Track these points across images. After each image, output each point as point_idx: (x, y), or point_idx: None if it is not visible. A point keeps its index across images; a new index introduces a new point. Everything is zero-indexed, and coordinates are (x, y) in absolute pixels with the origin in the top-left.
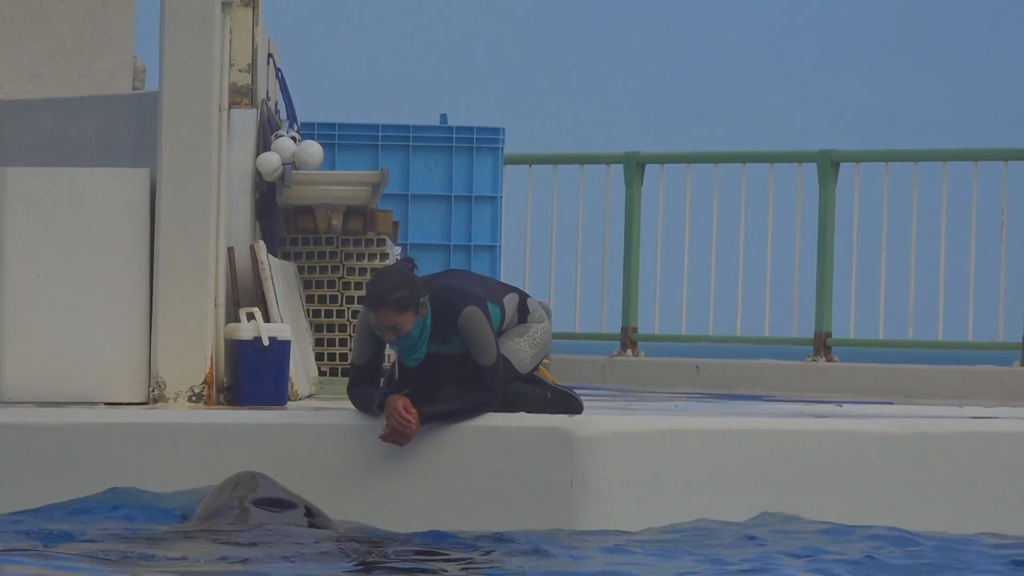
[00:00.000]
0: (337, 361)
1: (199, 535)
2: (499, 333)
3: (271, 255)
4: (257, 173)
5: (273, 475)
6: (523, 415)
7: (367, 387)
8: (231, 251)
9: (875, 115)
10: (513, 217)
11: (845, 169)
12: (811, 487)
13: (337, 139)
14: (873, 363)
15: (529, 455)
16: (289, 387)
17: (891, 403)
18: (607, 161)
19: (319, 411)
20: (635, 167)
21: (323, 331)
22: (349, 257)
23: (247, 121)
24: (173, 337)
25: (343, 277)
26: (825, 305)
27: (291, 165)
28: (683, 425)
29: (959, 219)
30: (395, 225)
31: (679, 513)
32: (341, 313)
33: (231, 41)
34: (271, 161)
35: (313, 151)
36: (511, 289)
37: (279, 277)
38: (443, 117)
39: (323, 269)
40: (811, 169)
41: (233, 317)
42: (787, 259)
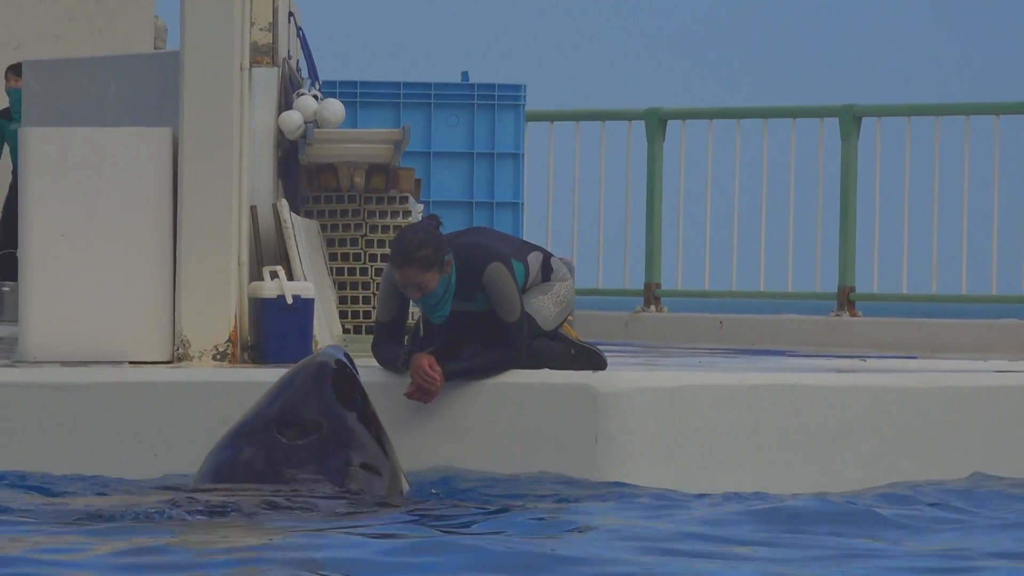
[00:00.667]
0: (361, 319)
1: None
2: (523, 291)
3: (294, 213)
4: (279, 132)
5: None
6: (547, 372)
7: (392, 344)
8: (254, 210)
9: (897, 69)
10: (535, 174)
11: (867, 123)
12: (834, 441)
13: (359, 97)
14: (897, 317)
15: (553, 411)
16: (313, 345)
17: (915, 357)
18: (629, 117)
19: None
20: (657, 123)
21: (346, 289)
22: (372, 215)
23: (268, 80)
24: (197, 296)
25: (366, 235)
26: (848, 260)
27: (313, 123)
28: (706, 381)
29: (982, 172)
30: (417, 183)
31: (703, 468)
32: (364, 271)
33: (252, 0)
34: (293, 119)
35: (335, 109)
36: (535, 247)
37: (302, 235)
38: (464, 74)
39: (346, 227)
40: (833, 124)
41: (256, 276)
42: (810, 214)
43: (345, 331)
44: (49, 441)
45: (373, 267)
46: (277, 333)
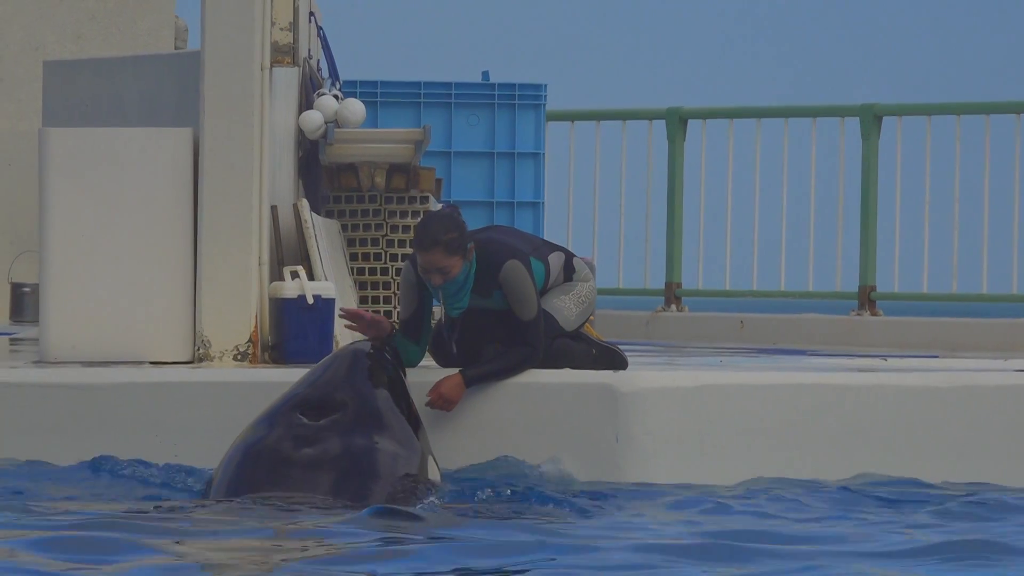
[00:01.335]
0: None
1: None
2: (544, 290)
3: (314, 213)
4: (300, 132)
5: None
6: (568, 371)
7: (409, 343)
8: (274, 210)
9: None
10: (555, 174)
11: (888, 123)
12: (855, 442)
13: (379, 97)
14: (918, 317)
15: (574, 411)
16: (334, 345)
17: (936, 356)
18: (649, 117)
19: None
20: (678, 122)
21: (367, 289)
22: (392, 215)
23: (289, 80)
24: (217, 296)
25: (387, 235)
26: (869, 259)
27: (334, 123)
28: (727, 380)
29: (1002, 172)
30: (438, 182)
31: (723, 468)
32: (385, 271)
33: (272, 0)
34: (314, 119)
35: (355, 109)
36: (557, 247)
37: (323, 235)
38: (485, 74)
39: (367, 227)
40: (854, 123)
41: (277, 276)
42: (830, 213)
43: None
44: (70, 441)
45: (394, 267)
46: (298, 333)
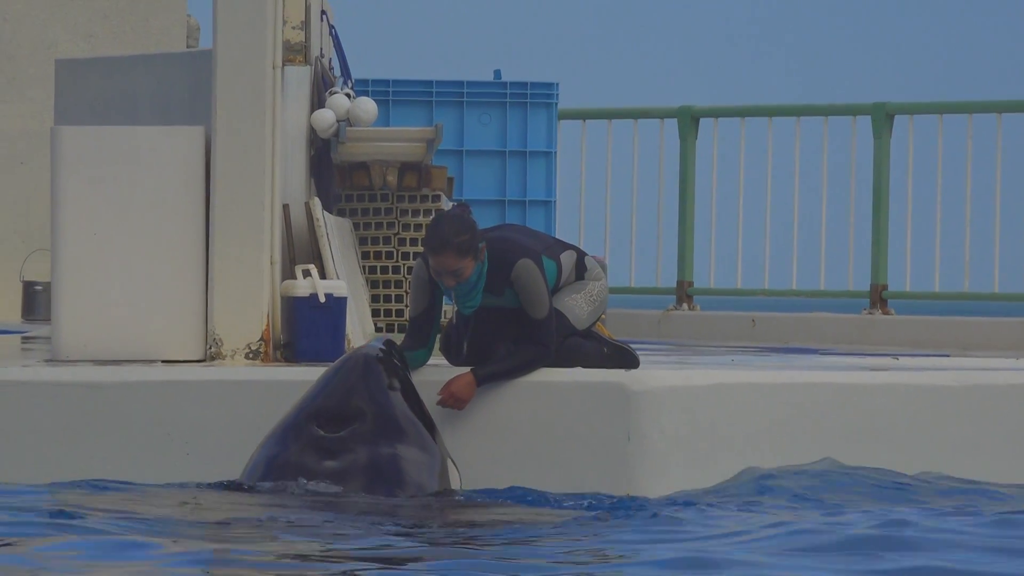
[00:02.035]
0: (393, 317)
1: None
2: (556, 289)
3: (326, 212)
4: (311, 130)
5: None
6: (580, 370)
7: (417, 342)
8: (286, 208)
9: (930, 66)
10: (567, 172)
11: (900, 121)
12: (868, 440)
13: (391, 95)
14: (929, 315)
15: (586, 410)
16: (346, 343)
17: (947, 355)
18: (661, 115)
19: None
20: (689, 121)
21: (379, 287)
22: (404, 213)
23: (301, 78)
24: (229, 295)
25: (398, 233)
26: (881, 258)
27: (345, 122)
28: (739, 379)
29: (1015, 170)
30: (450, 181)
31: (735, 467)
32: (397, 269)
33: None
34: (325, 118)
35: (367, 108)
36: (568, 246)
37: (334, 234)
38: (497, 72)
39: (378, 225)
40: (866, 121)
41: (289, 274)
42: (842, 212)
43: (378, 329)
44: (82, 440)
45: (406, 265)
46: (310, 332)
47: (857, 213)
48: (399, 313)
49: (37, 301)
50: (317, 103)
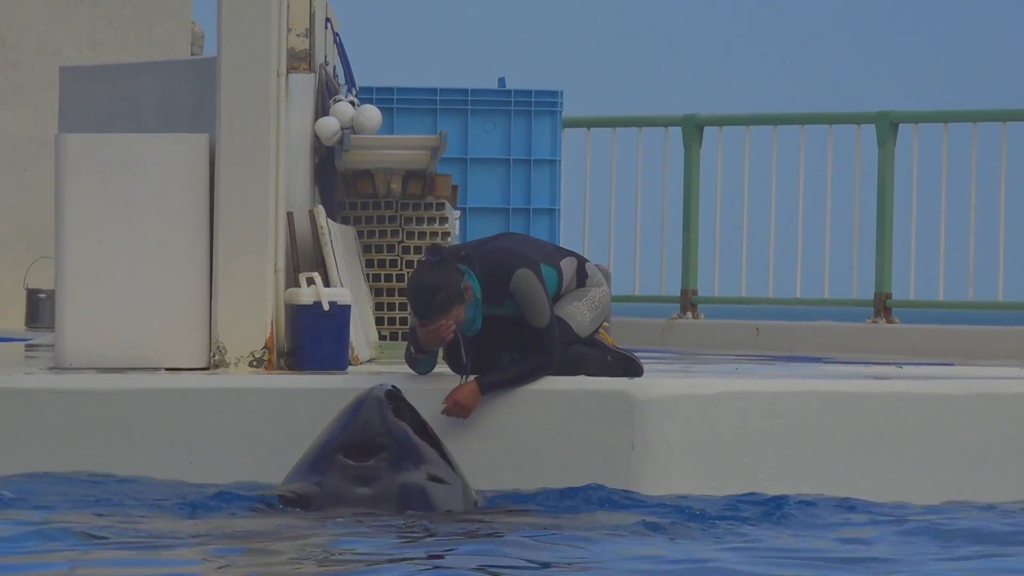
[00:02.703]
0: (397, 325)
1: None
2: (557, 296)
3: (330, 220)
4: (316, 138)
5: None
6: (583, 378)
7: (423, 353)
8: (290, 216)
9: (934, 75)
10: (572, 180)
11: (904, 130)
12: (872, 449)
13: (395, 103)
14: (933, 324)
15: (590, 418)
16: (349, 352)
17: (952, 364)
18: (665, 124)
19: (379, 375)
20: (693, 129)
21: (383, 295)
22: (408, 221)
23: (305, 86)
24: (233, 302)
25: (403, 241)
26: (885, 266)
27: (350, 130)
28: (743, 387)
29: (1019, 179)
30: (454, 189)
31: (739, 476)
32: (401, 277)
33: (288, 6)
34: (330, 126)
35: (371, 115)
36: (568, 253)
37: (339, 242)
38: (501, 80)
39: (382, 233)
40: (870, 130)
41: (293, 282)
42: (846, 220)
43: (381, 338)
44: (85, 447)
45: (409, 273)
46: (313, 340)
47: (861, 222)
48: (403, 321)
49: (41, 309)
50: (321, 111)
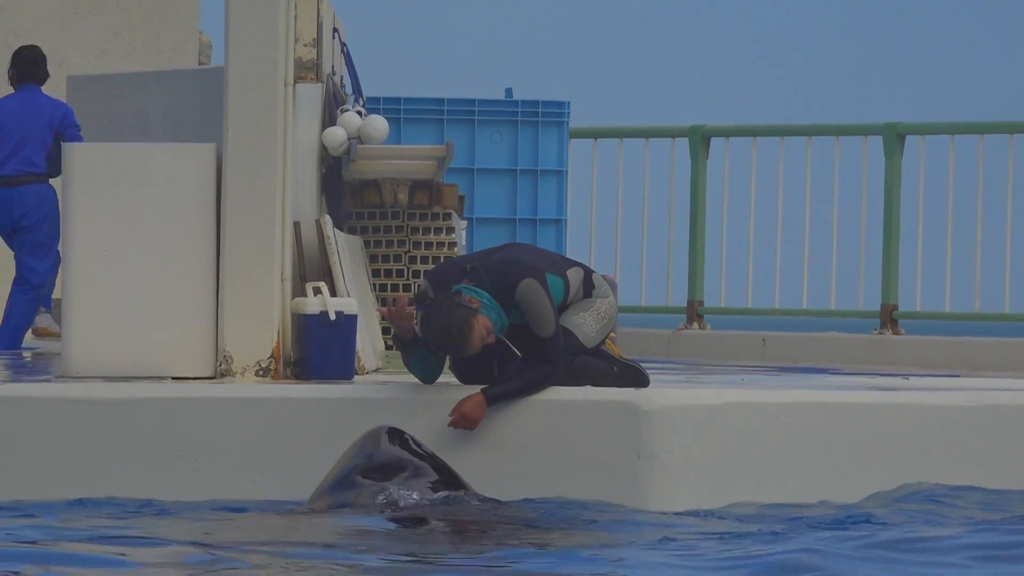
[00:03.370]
0: None
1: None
2: (564, 306)
3: (337, 229)
4: (323, 148)
5: (340, 450)
6: (589, 389)
7: (420, 352)
8: (297, 226)
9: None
10: (578, 191)
11: (911, 141)
12: (877, 460)
13: (402, 113)
14: (940, 335)
15: (596, 429)
16: (356, 361)
17: (958, 375)
18: (672, 135)
19: (386, 385)
20: (700, 140)
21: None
22: (415, 231)
23: (312, 96)
24: (240, 312)
25: (409, 251)
26: (891, 278)
27: (357, 139)
28: (749, 398)
29: None
30: (461, 199)
31: (745, 486)
32: (407, 287)
33: (296, 16)
34: (337, 136)
35: (379, 125)
36: (575, 263)
37: (345, 251)
38: (508, 91)
39: (389, 243)
40: (877, 142)
41: (300, 292)
42: (853, 232)
43: (388, 347)
44: (92, 457)
45: (416, 283)
46: (320, 349)
47: (868, 233)
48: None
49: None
50: (328, 121)
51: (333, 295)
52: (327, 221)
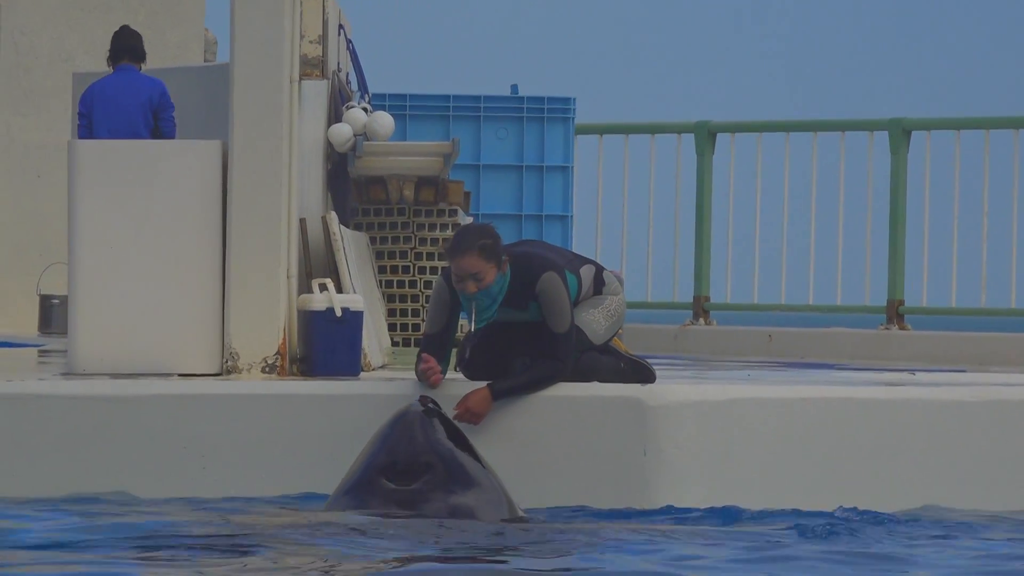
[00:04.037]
0: (410, 331)
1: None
2: (575, 303)
3: (343, 226)
4: (328, 144)
5: (347, 446)
6: (596, 385)
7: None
8: (303, 222)
9: (947, 82)
10: (584, 187)
11: (917, 137)
12: (884, 456)
13: (408, 110)
14: (946, 331)
15: (602, 425)
16: (362, 357)
17: (964, 371)
18: (678, 130)
19: (392, 381)
20: (706, 136)
21: (395, 301)
22: (421, 227)
23: (318, 92)
24: (246, 308)
25: (415, 247)
26: (897, 273)
27: (362, 136)
28: (756, 394)
29: None
30: (467, 195)
31: (751, 482)
32: (413, 283)
33: (302, 12)
34: (342, 132)
35: (384, 122)
36: (587, 261)
37: (351, 248)
38: (514, 87)
39: (395, 239)
40: (883, 137)
41: (306, 288)
42: (859, 227)
43: (394, 344)
44: (98, 453)
45: (422, 280)
46: (326, 346)
47: (874, 228)
48: (415, 327)
49: (54, 314)
50: (334, 117)
51: (339, 291)
52: (333, 217)
